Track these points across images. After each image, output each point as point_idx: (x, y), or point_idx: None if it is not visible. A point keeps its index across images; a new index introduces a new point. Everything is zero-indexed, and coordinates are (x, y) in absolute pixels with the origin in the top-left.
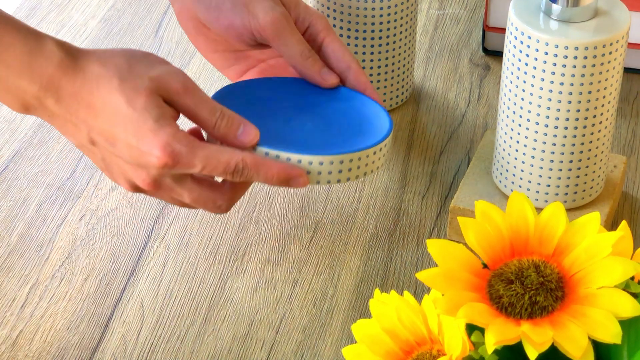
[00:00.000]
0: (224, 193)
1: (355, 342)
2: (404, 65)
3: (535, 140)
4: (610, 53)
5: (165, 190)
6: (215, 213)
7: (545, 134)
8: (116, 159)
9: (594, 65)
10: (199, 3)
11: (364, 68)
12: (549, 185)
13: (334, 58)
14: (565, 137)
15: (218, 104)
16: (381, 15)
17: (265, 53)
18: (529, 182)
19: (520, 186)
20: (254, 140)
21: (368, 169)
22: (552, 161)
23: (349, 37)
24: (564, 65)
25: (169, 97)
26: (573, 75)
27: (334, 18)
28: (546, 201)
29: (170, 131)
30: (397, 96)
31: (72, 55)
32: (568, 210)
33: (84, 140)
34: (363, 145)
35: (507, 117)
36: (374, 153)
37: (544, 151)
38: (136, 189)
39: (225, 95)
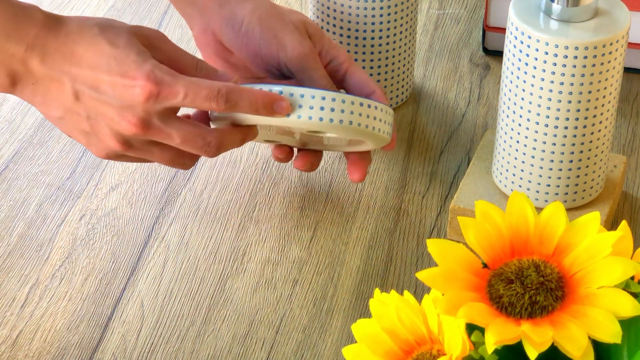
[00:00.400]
0: (212, 131)
1: (355, 342)
2: (404, 65)
3: (535, 140)
4: (610, 53)
5: (154, 132)
6: (206, 155)
7: (545, 134)
8: (101, 107)
9: (594, 65)
10: (227, 28)
11: (363, 68)
12: (549, 185)
13: (358, 85)
14: (565, 137)
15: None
16: (381, 15)
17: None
18: (529, 182)
19: (520, 186)
20: (234, 77)
21: (355, 121)
22: (552, 161)
23: (349, 37)
24: (564, 65)
25: (149, 42)
26: (573, 75)
27: (334, 18)
28: (546, 201)
29: (152, 62)
30: (397, 96)
31: (54, 16)
32: (568, 210)
33: (68, 98)
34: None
35: (507, 117)
36: (369, 106)
37: (544, 151)
38: (125, 143)
39: None
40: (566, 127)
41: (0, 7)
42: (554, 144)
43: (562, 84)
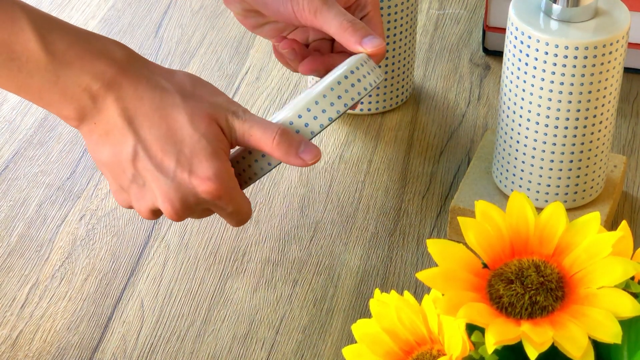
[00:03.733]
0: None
1: (355, 342)
2: (404, 65)
3: (535, 140)
4: (610, 53)
5: (184, 217)
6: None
7: (545, 134)
8: (152, 182)
9: (594, 65)
10: None
11: None
12: (549, 185)
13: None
14: (565, 137)
15: (274, 123)
16: (381, 15)
17: (314, 31)
18: (529, 182)
19: (520, 186)
20: (316, 158)
21: (350, 97)
22: (552, 161)
23: None
24: (564, 65)
25: (225, 119)
26: (573, 75)
27: None
28: (546, 201)
29: (226, 165)
30: (397, 96)
31: (136, 58)
32: (568, 210)
33: (124, 155)
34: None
35: (507, 117)
36: (346, 77)
37: (544, 151)
38: (152, 213)
39: None
40: (566, 127)
41: (76, 41)
42: (554, 144)
43: (562, 84)
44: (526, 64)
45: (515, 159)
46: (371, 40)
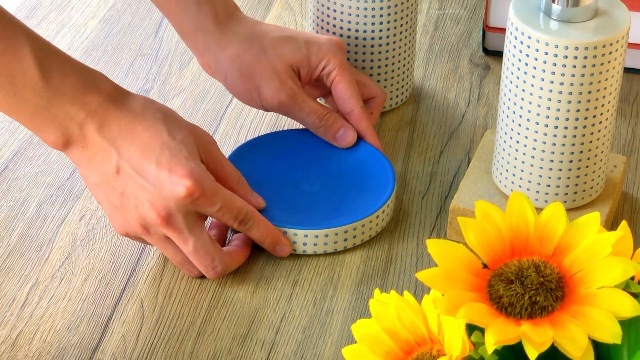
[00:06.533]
0: (224, 256)
1: (355, 342)
2: (404, 65)
3: (535, 140)
4: (610, 53)
5: (172, 230)
6: (206, 274)
7: (545, 134)
8: (137, 189)
9: (594, 65)
10: (217, 75)
11: (363, 68)
12: (549, 185)
13: (339, 100)
14: (565, 137)
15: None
16: (381, 16)
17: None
18: (529, 182)
19: (520, 186)
20: (264, 203)
21: (365, 235)
22: (552, 161)
23: (349, 37)
24: (564, 65)
25: (202, 144)
26: (573, 75)
27: (334, 18)
28: (546, 201)
29: (202, 166)
30: (397, 96)
31: (121, 90)
32: (568, 210)
33: (107, 170)
34: (356, 218)
35: (507, 117)
36: (370, 221)
37: (544, 151)
38: (144, 228)
39: (240, 153)
40: (566, 127)
41: (71, 72)
42: (554, 144)
43: (562, 84)
44: (526, 64)
45: (515, 159)
46: (343, 135)
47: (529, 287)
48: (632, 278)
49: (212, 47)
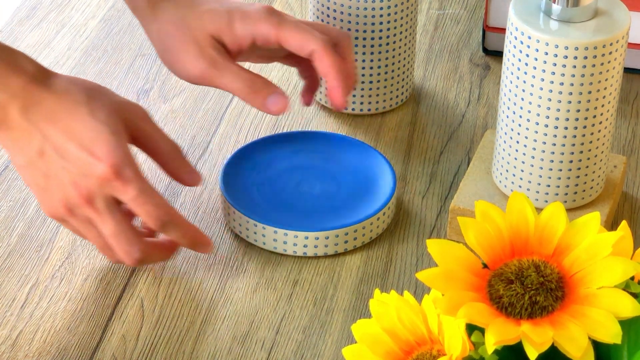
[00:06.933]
0: (143, 243)
1: (355, 342)
2: (404, 65)
3: (535, 140)
4: (610, 53)
5: (93, 211)
6: (125, 261)
7: (545, 134)
8: (59, 171)
9: (594, 65)
10: (157, 47)
11: (363, 68)
12: (549, 185)
13: (296, 50)
14: (565, 137)
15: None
16: (381, 16)
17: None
18: (529, 182)
19: (520, 186)
20: (201, 181)
21: (366, 238)
22: (552, 161)
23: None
24: (564, 65)
25: (131, 120)
26: (573, 75)
27: (334, 18)
28: (546, 201)
29: (124, 149)
30: (397, 96)
31: (45, 71)
32: (568, 210)
33: (31, 152)
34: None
35: (507, 117)
36: (370, 223)
37: (544, 151)
38: (67, 210)
39: (241, 155)
40: (566, 127)
41: None
42: (554, 144)
43: (562, 84)
44: (526, 64)
45: (515, 159)
46: (274, 101)
47: (529, 287)
48: (632, 278)
49: (145, 23)
